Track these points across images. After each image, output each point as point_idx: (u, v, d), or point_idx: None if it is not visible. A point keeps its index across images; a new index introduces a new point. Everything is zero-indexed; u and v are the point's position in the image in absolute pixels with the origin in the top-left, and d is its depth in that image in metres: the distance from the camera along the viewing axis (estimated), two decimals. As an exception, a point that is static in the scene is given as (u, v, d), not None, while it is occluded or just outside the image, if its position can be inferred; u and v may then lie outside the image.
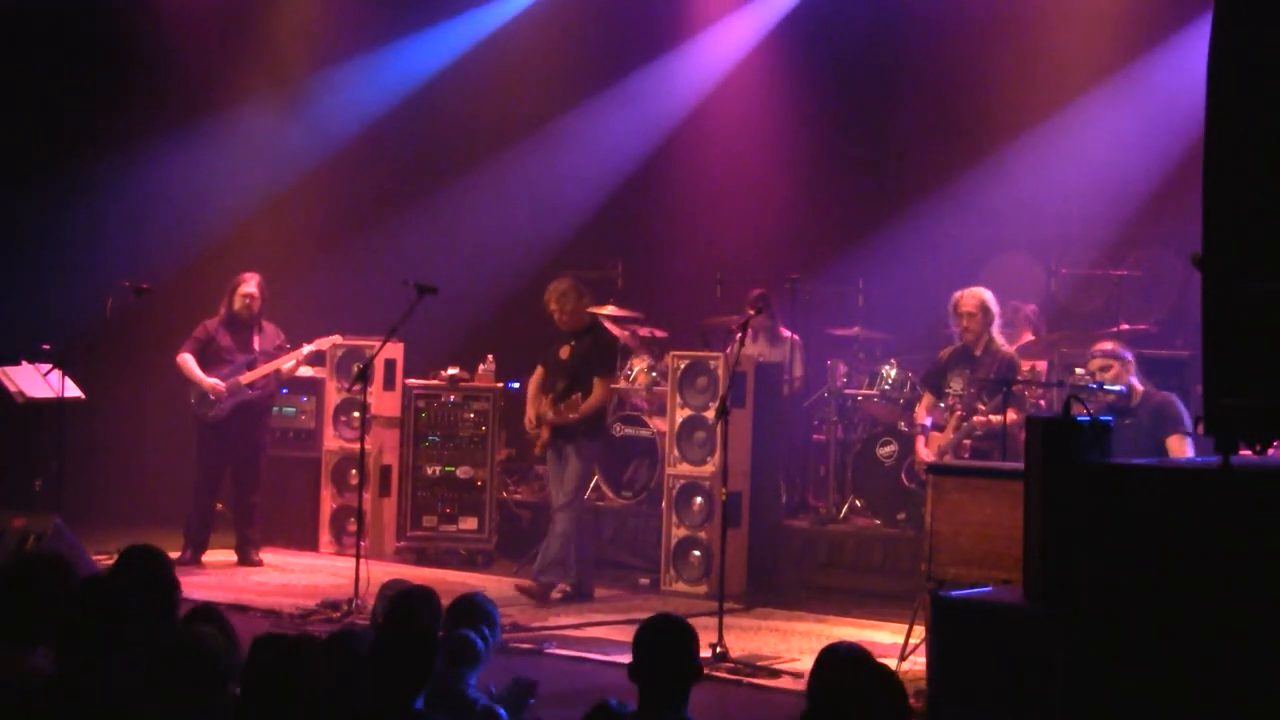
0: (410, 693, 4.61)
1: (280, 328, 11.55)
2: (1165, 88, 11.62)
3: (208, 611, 5.14)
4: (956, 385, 9.58)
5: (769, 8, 13.76)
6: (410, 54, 13.87)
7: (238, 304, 11.31)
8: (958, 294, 9.95)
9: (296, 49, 13.71)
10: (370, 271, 13.12)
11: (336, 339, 11.83)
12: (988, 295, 9.82)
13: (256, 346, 11.35)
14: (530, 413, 10.49)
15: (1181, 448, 8.67)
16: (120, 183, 13.03)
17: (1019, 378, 9.26)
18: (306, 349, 11.51)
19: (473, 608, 5.62)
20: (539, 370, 10.53)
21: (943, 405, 9.71)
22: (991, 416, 9.38)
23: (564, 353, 10.34)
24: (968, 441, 9.40)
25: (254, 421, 11.41)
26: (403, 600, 5.50)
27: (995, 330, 9.77)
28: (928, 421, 9.81)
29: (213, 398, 11.15)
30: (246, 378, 11.23)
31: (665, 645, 4.84)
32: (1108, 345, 9.21)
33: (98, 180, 13.00)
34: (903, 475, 10.68)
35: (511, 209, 13.83)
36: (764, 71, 13.80)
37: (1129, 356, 9.02)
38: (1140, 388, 8.93)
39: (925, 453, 9.64)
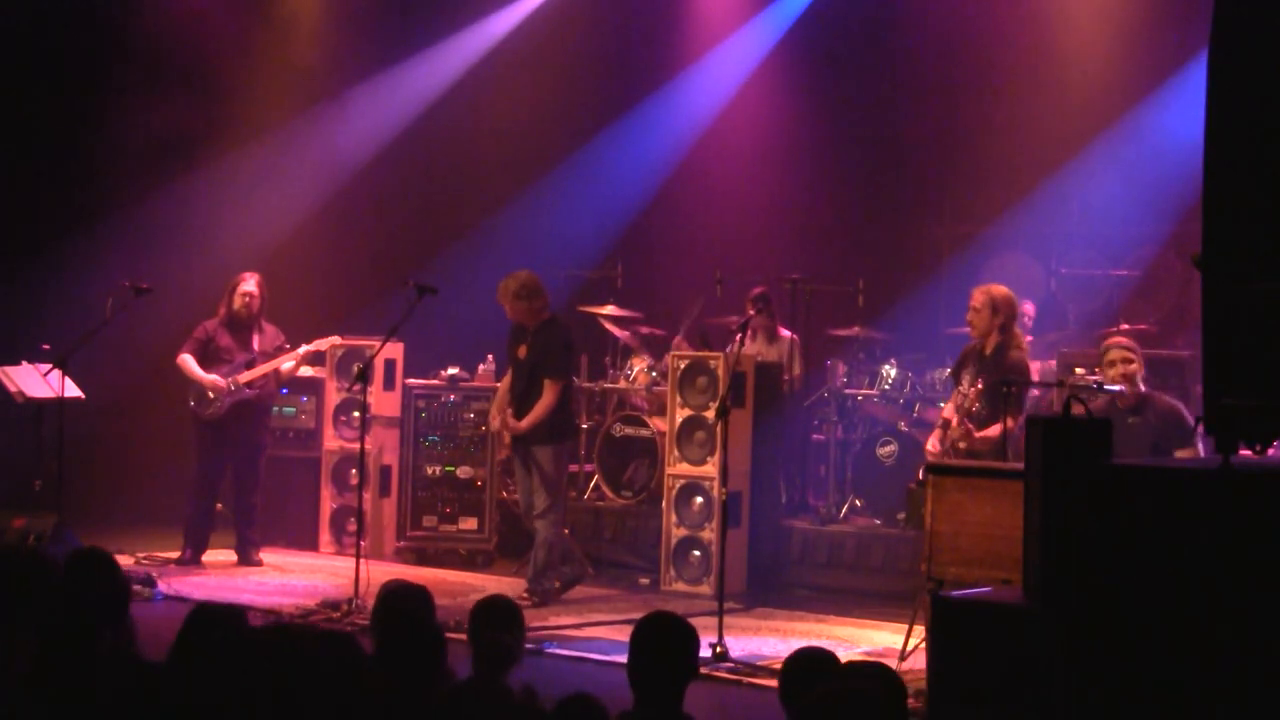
0: (419, 691, 4.61)
1: (280, 328, 11.55)
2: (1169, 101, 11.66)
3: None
4: (964, 383, 9.41)
5: (771, 13, 13.77)
6: (416, 65, 13.87)
7: (237, 303, 11.31)
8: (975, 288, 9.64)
9: (307, 58, 13.69)
10: (370, 271, 13.12)
11: (336, 339, 11.83)
12: (1000, 292, 9.29)
13: (256, 346, 11.35)
14: (492, 412, 10.59)
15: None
16: (122, 183, 13.02)
17: (979, 382, 8.92)
18: (305, 349, 11.51)
19: (500, 609, 5.61)
20: (510, 372, 10.47)
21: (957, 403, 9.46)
22: (961, 421, 8.98)
23: (521, 351, 10.27)
24: (962, 445, 9.18)
25: (254, 421, 11.40)
26: (398, 599, 5.50)
27: (1014, 332, 9.28)
28: (951, 416, 9.52)
29: (211, 395, 11.15)
30: (245, 377, 11.22)
31: (662, 643, 4.83)
32: (1125, 340, 9.04)
33: (99, 180, 12.98)
34: (918, 475, 10.58)
35: (512, 209, 13.82)
36: (765, 73, 13.81)
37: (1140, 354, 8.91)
38: (1143, 387, 8.84)
39: (933, 445, 9.47)
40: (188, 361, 11.22)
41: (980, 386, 8.89)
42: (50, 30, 12.91)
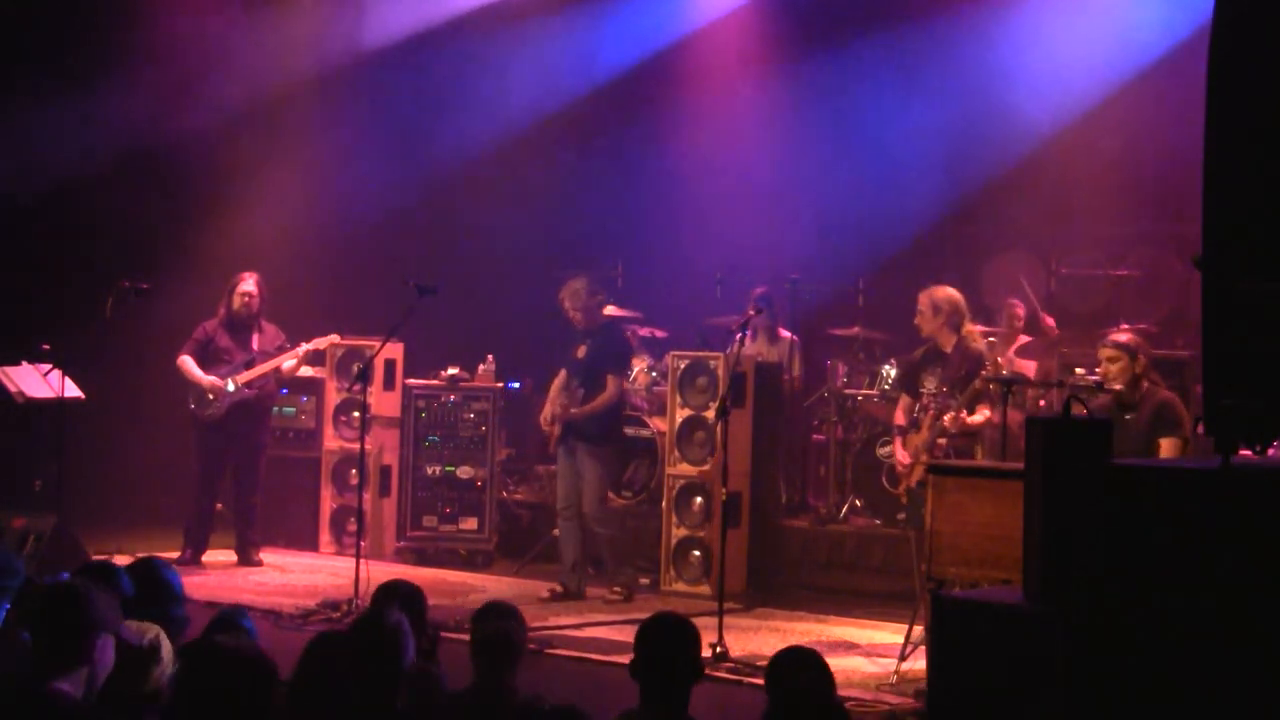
0: (385, 689, 4.61)
1: (281, 328, 11.55)
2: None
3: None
4: (930, 384, 9.46)
5: (772, 11, 13.75)
6: (410, 52, 13.86)
7: (236, 303, 11.31)
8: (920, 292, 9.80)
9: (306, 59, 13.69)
10: (370, 271, 13.12)
11: (335, 338, 11.83)
12: (941, 294, 9.43)
13: (256, 346, 11.35)
14: (546, 410, 10.58)
15: (1172, 451, 8.50)
16: (123, 182, 13.02)
17: (983, 373, 9.07)
18: (304, 348, 11.50)
19: (502, 605, 5.56)
20: (562, 371, 10.60)
21: (919, 405, 9.56)
22: (963, 414, 9.17)
23: (579, 352, 10.45)
24: (942, 440, 9.24)
25: (254, 422, 11.40)
26: (381, 596, 5.51)
27: (967, 328, 9.43)
28: (904, 422, 9.66)
29: (211, 396, 11.15)
30: (244, 377, 11.22)
31: (667, 643, 4.84)
32: (1122, 338, 8.95)
33: (99, 180, 12.98)
34: (883, 478, 10.67)
35: (512, 208, 13.82)
36: (765, 72, 13.79)
37: (1139, 353, 8.79)
38: (1145, 383, 8.81)
39: (902, 454, 9.54)
40: (187, 363, 11.22)
41: (997, 358, 9.01)
42: (44, 27, 12.90)
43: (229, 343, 11.30)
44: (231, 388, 11.18)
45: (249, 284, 11.33)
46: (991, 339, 10.92)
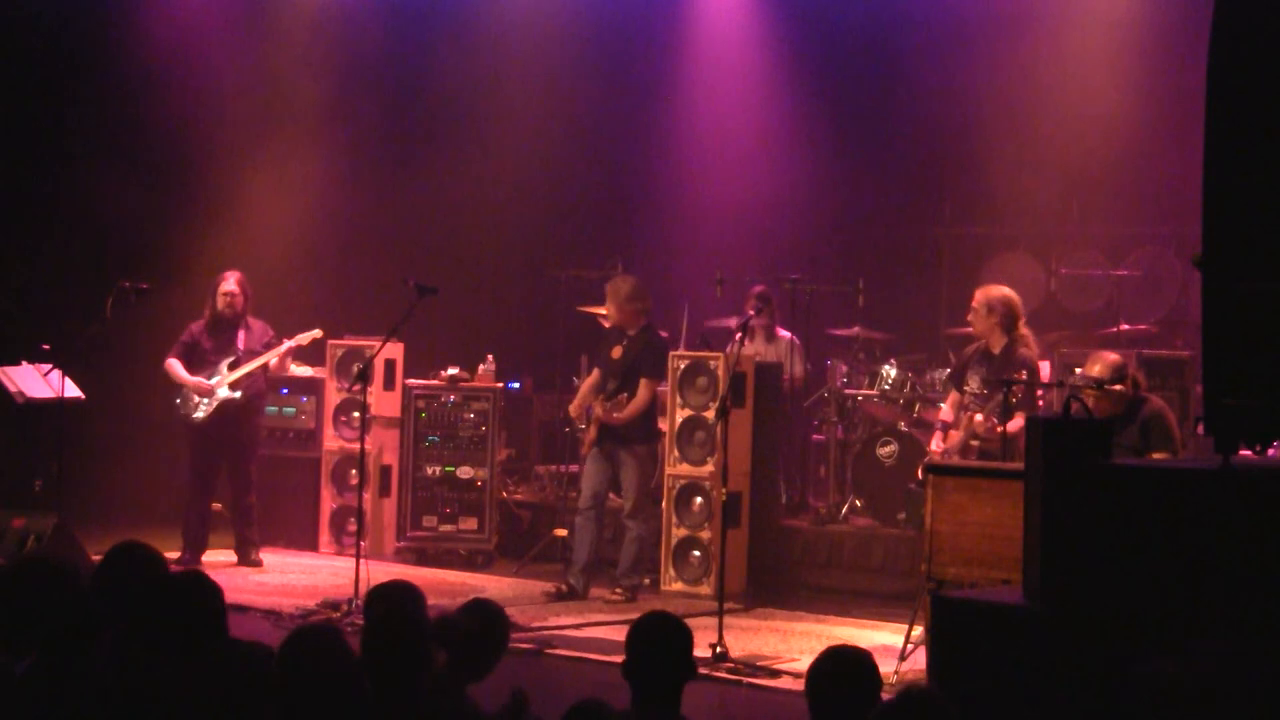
0: (407, 686, 4.60)
1: (279, 328, 11.51)
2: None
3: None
4: (973, 384, 9.46)
5: (772, 12, 13.76)
6: (411, 51, 13.87)
7: (220, 304, 11.26)
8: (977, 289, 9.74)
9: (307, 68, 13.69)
10: (370, 271, 13.11)
11: (317, 333, 11.72)
12: (996, 294, 9.42)
13: (242, 345, 11.26)
14: (575, 402, 10.69)
15: None
16: (122, 181, 13.01)
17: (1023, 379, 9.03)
18: (288, 344, 11.43)
19: (481, 608, 5.51)
20: (595, 371, 10.62)
21: (962, 404, 9.52)
22: (988, 418, 9.12)
23: (615, 352, 10.45)
24: (974, 443, 9.23)
25: (242, 422, 11.30)
26: (384, 595, 5.50)
27: (1020, 331, 9.36)
28: (949, 418, 9.61)
29: (197, 398, 11.13)
30: (231, 377, 11.16)
31: (657, 643, 4.83)
32: (1095, 370, 8.82)
33: (99, 179, 12.97)
34: (917, 473, 10.62)
35: (512, 208, 13.82)
36: (765, 72, 13.80)
37: (1122, 375, 8.71)
38: (1131, 392, 8.78)
39: (937, 446, 9.50)
40: (174, 366, 11.20)
41: (1023, 375, 9.00)
42: (44, 27, 12.90)
43: (214, 343, 11.25)
44: (221, 388, 11.15)
45: (230, 284, 11.28)
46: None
